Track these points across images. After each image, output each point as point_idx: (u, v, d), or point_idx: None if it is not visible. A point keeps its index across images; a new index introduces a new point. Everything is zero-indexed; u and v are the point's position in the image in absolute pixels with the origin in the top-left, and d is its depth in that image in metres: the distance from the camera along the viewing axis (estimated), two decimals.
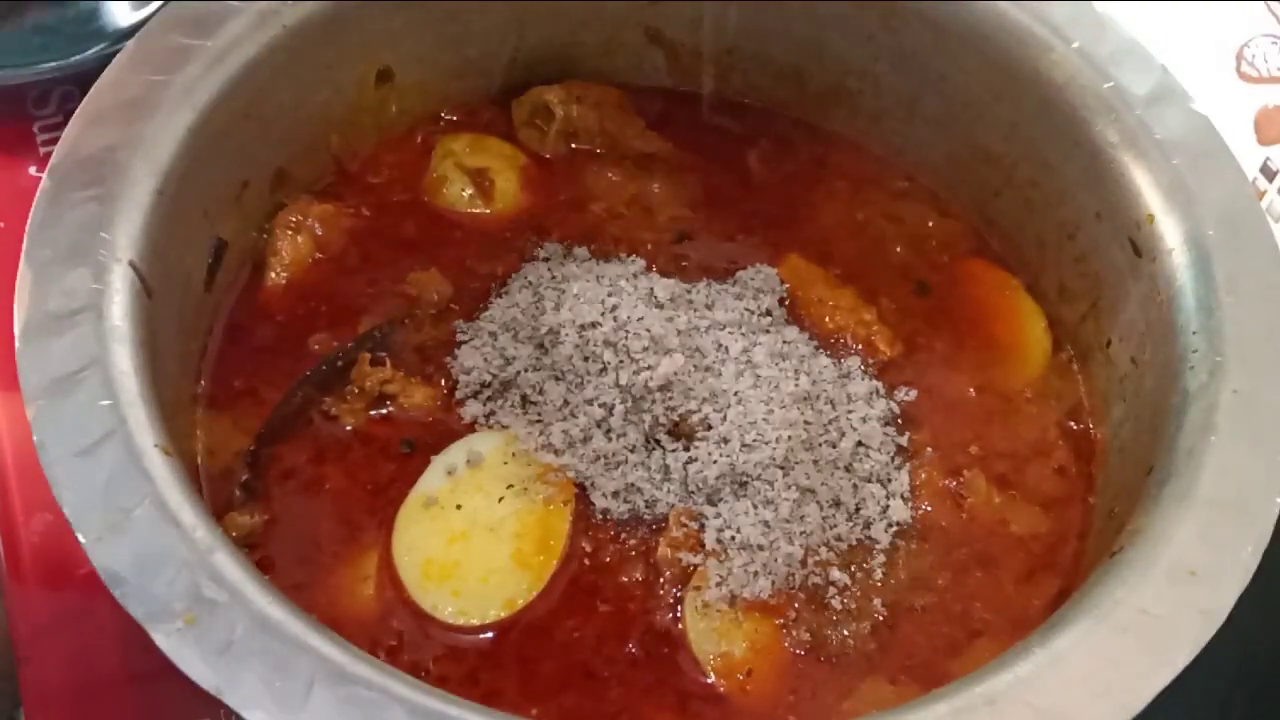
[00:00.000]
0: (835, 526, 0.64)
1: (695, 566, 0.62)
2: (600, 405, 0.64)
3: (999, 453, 0.70)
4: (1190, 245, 0.65)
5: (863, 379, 0.70)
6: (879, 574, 0.64)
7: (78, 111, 0.62)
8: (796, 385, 0.67)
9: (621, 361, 0.65)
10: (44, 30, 0.86)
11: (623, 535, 0.63)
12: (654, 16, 0.82)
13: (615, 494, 0.64)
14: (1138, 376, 0.67)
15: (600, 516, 0.64)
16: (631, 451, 0.64)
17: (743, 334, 0.69)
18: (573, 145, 0.81)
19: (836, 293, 0.74)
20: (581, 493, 0.64)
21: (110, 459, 0.51)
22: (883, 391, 0.70)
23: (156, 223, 0.60)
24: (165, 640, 0.47)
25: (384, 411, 0.67)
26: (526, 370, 0.67)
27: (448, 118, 0.82)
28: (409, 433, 0.66)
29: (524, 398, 0.66)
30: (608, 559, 0.63)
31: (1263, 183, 0.83)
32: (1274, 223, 0.70)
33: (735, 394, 0.65)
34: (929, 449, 0.69)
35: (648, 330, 0.66)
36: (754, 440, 0.64)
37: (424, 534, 0.62)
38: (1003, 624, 0.63)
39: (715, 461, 0.63)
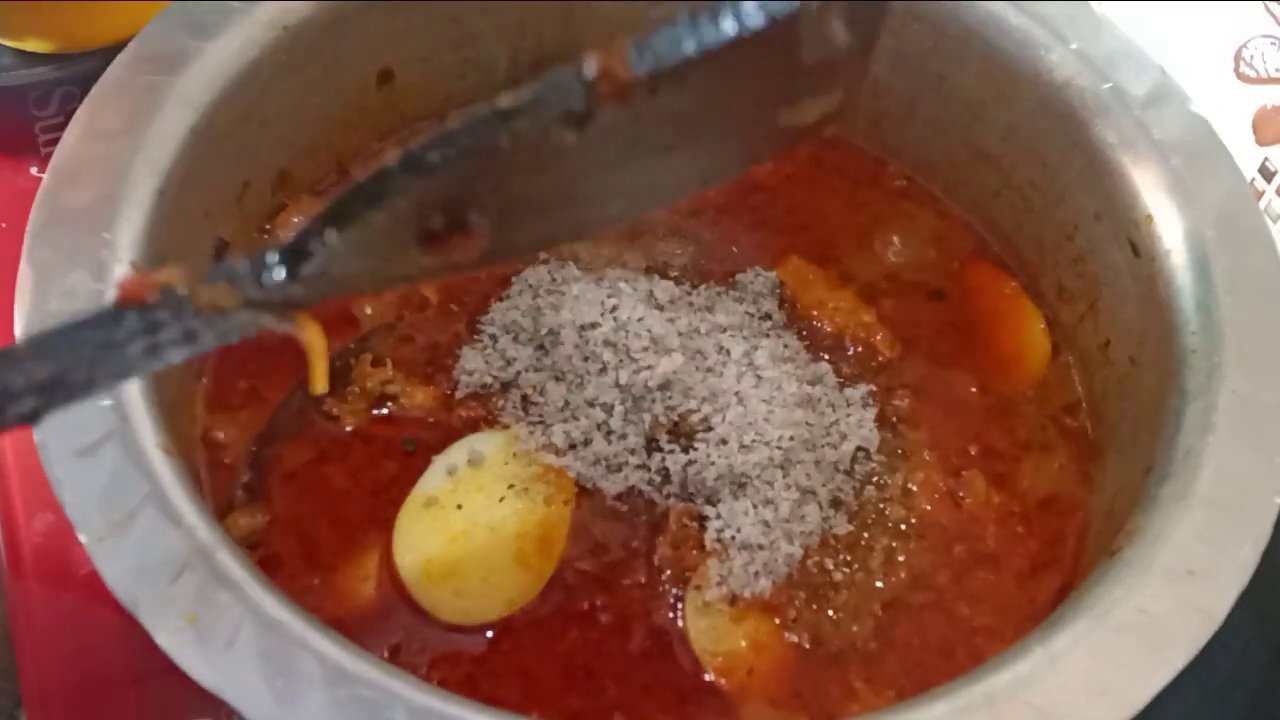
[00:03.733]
0: (835, 527, 0.64)
1: (696, 566, 0.62)
2: (600, 406, 0.65)
3: (998, 453, 0.70)
4: (1189, 245, 0.65)
5: (862, 381, 0.70)
6: (879, 574, 0.64)
7: (78, 112, 0.62)
8: (798, 387, 0.67)
9: (621, 361, 0.65)
10: None
11: (623, 535, 0.63)
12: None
13: (616, 496, 0.64)
14: (1137, 376, 0.67)
15: (601, 517, 0.64)
16: (632, 454, 0.64)
17: (744, 337, 0.69)
18: None
19: (836, 294, 0.74)
20: (582, 493, 0.64)
21: (111, 459, 0.52)
22: (881, 393, 0.70)
23: (157, 223, 0.60)
24: (166, 640, 0.47)
25: (384, 411, 0.67)
26: (527, 371, 0.67)
27: (448, 118, 0.82)
28: (410, 433, 0.66)
29: (525, 398, 0.66)
30: (608, 559, 0.63)
31: (1261, 183, 0.83)
32: (1273, 223, 0.70)
33: (736, 394, 0.65)
34: (928, 449, 0.69)
35: (648, 330, 0.66)
36: (753, 441, 0.64)
37: (425, 534, 0.62)
38: (1003, 622, 0.63)
39: (714, 463, 0.63)
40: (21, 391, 0.38)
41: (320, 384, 0.46)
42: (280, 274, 0.40)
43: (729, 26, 0.37)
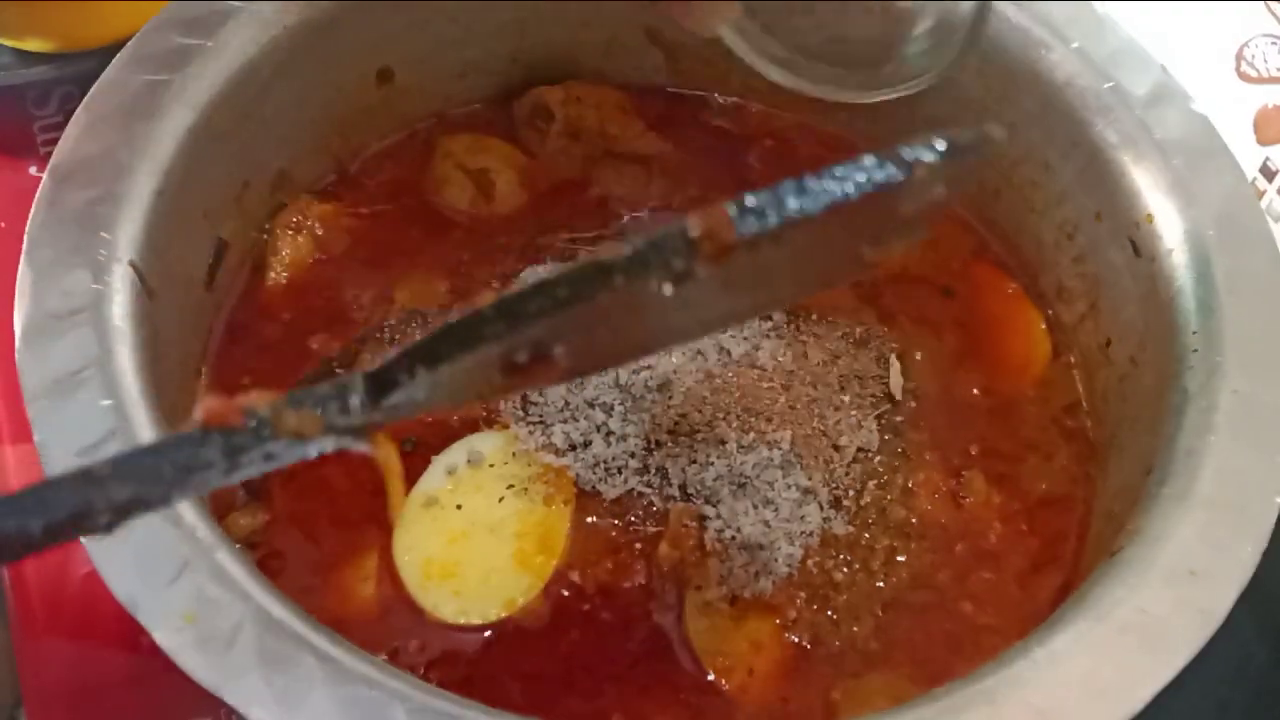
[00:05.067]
0: (835, 527, 0.64)
1: (696, 566, 0.62)
2: (600, 407, 0.64)
3: (998, 453, 0.70)
4: (1190, 245, 0.65)
5: (863, 381, 0.70)
6: (879, 573, 0.64)
7: (78, 111, 0.62)
8: (801, 387, 0.67)
9: None
10: None
11: (623, 535, 0.63)
12: (654, 16, 0.82)
13: (616, 499, 0.64)
14: (1137, 376, 0.67)
15: (601, 517, 0.64)
16: (631, 457, 0.64)
17: (744, 338, 0.69)
18: (573, 146, 0.81)
19: (837, 293, 0.74)
20: (582, 493, 0.64)
21: None
22: (882, 393, 0.70)
23: (157, 223, 0.60)
24: (165, 640, 0.47)
25: None
26: None
27: (448, 117, 0.82)
28: (409, 433, 0.66)
29: (524, 398, 0.66)
30: (608, 559, 0.63)
31: (1262, 183, 0.83)
32: (1274, 223, 0.70)
33: (736, 395, 0.65)
34: (929, 450, 0.69)
35: None
36: (753, 441, 0.64)
37: (424, 534, 0.62)
38: (1004, 621, 0.63)
39: (713, 463, 0.63)
40: (100, 511, 0.38)
41: (397, 506, 0.45)
42: (364, 403, 0.41)
43: (835, 192, 0.37)
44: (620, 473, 0.64)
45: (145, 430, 0.53)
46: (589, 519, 0.63)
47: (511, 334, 0.39)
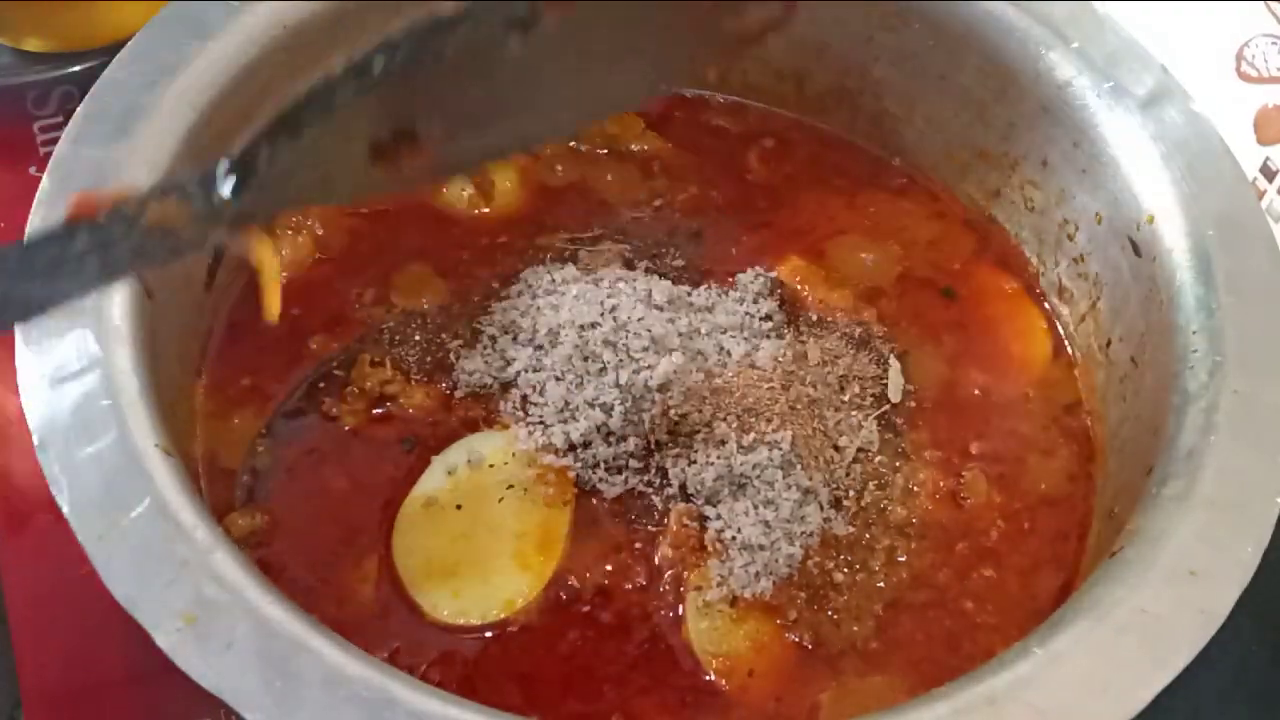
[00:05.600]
0: (836, 527, 0.64)
1: (696, 567, 0.62)
2: (600, 407, 0.64)
3: (999, 453, 0.70)
4: (1190, 245, 0.65)
5: (862, 380, 0.70)
6: (880, 573, 0.64)
7: (78, 112, 0.62)
8: (799, 388, 0.67)
9: (621, 361, 0.65)
10: None
11: (623, 535, 0.63)
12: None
13: (616, 499, 0.64)
14: (1138, 376, 0.67)
15: (601, 517, 0.64)
16: (631, 457, 0.64)
17: (745, 338, 0.69)
18: (573, 145, 0.81)
19: (837, 294, 0.74)
20: (582, 493, 0.64)
21: (110, 459, 0.51)
22: (882, 393, 0.70)
23: None
24: (165, 640, 0.47)
25: (383, 411, 0.67)
26: (526, 371, 0.67)
27: None
28: (409, 433, 0.66)
29: (524, 398, 0.66)
30: (608, 559, 0.63)
31: (1263, 183, 0.83)
32: (1274, 223, 0.70)
33: (736, 395, 0.65)
34: (929, 449, 0.69)
35: (648, 330, 0.66)
36: (753, 441, 0.64)
37: (424, 534, 0.62)
38: (1005, 621, 0.63)
39: (714, 463, 0.63)
40: None
41: (272, 309, 0.45)
42: (229, 186, 0.40)
43: None
44: (620, 473, 0.64)
45: (144, 430, 0.53)
46: (589, 520, 0.63)
47: (362, 93, 0.39)
